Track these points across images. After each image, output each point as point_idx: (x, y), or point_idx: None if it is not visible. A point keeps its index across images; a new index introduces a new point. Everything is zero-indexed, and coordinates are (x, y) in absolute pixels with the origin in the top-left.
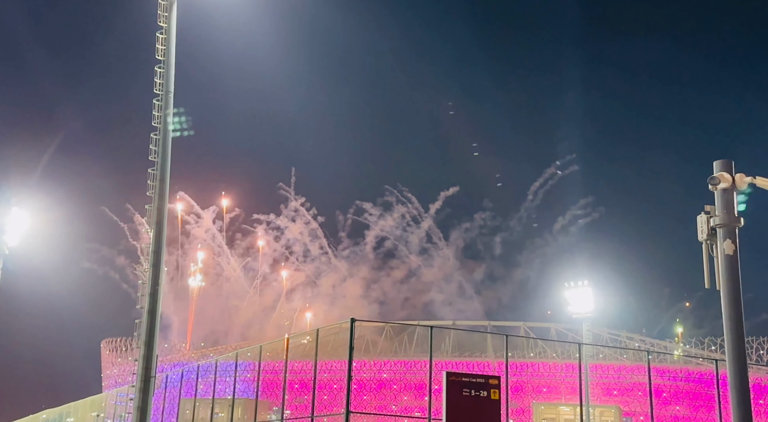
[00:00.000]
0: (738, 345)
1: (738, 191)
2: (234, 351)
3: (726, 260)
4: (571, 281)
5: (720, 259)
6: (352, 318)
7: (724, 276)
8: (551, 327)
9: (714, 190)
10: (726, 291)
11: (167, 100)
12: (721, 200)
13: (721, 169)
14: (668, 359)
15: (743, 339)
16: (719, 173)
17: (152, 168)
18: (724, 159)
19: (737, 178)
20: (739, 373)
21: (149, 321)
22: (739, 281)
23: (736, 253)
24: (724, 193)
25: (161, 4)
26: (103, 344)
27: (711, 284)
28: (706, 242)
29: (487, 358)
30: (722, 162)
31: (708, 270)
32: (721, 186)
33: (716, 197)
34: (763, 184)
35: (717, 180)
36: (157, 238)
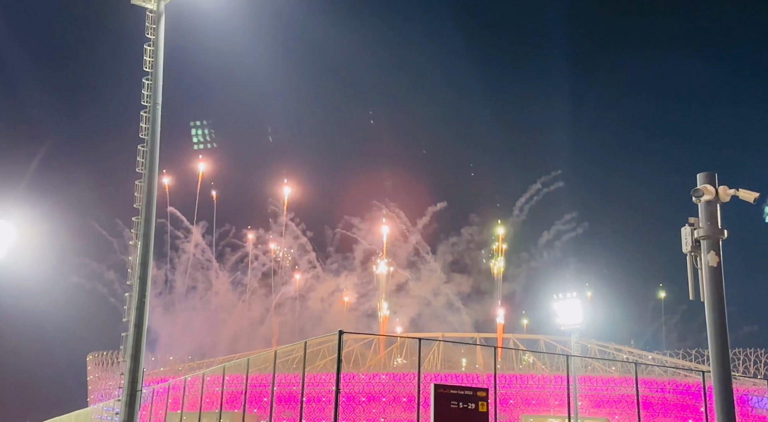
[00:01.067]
0: (722, 356)
1: (721, 203)
2: (221, 364)
3: (710, 272)
4: (560, 293)
5: (704, 271)
6: (340, 330)
7: (708, 288)
8: (540, 339)
9: (698, 202)
10: (710, 303)
11: (155, 113)
12: (704, 213)
13: (705, 181)
14: (656, 371)
15: (728, 350)
16: (703, 186)
17: (139, 180)
18: (707, 172)
19: (720, 190)
20: (724, 383)
21: (136, 334)
22: (723, 293)
23: (720, 265)
24: (707, 205)
25: (149, 16)
26: (89, 358)
27: (696, 295)
28: (691, 254)
29: (476, 370)
30: (705, 175)
31: (693, 282)
32: (705, 198)
33: (700, 210)
34: (746, 196)
35: (700, 192)
36: (144, 250)
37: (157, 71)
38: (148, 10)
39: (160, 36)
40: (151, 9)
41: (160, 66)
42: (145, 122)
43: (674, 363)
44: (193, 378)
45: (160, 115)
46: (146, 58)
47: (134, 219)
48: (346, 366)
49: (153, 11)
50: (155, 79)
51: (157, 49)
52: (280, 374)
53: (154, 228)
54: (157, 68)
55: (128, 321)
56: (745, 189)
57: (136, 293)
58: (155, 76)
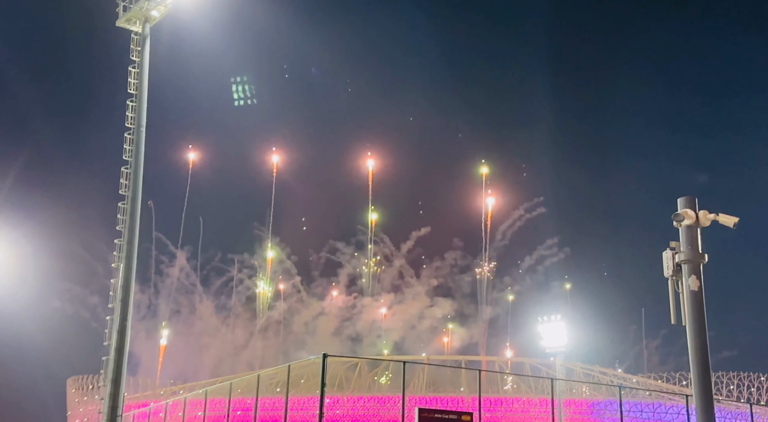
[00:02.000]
0: (704, 379)
1: (702, 227)
2: (203, 389)
3: (691, 296)
4: (544, 316)
5: (685, 295)
6: (324, 353)
7: (689, 312)
8: (525, 362)
9: (678, 226)
10: (692, 327)
11: (139, 135)
12: (685, 237)
13: (685, 206)
14: (640, 394)
15: (709, 373)
16: (683, 210)
17: (122, 202)
18: (687, 196)
19: (701, 215)
20: (706, 407)
21: (117, 358)
22: (704, 317)
23: (701, 289)
24: (688, 229)
25: (134, 39)
26: (68, 382)
27: (677, 319)
28: (672, 278)
29: (461, 394)
30: (686, 199)
31: (674, 306)
32: (686, 223)
33: (681, 234)
34: (726, 221)
35: (681, 217)
36: (127, 273)
37: (141, 93)
38: (133, 32)
39: (144, 58)
40: (136, 32)
41: (144, 88)
42: (129, 144)
43: (659, 386)
44: (175, 402)
45: (144, 137)
46: (131, 80)
47: (116, 241)
48: (330, 390)
49: (138, 34)
50: (140, 101)
51: (142, 72)
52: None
53: (137, 252)
54: (141, 90)
55: (109, 344)
56: (725, 214)
57: (118, 317)
58: (140, 98)
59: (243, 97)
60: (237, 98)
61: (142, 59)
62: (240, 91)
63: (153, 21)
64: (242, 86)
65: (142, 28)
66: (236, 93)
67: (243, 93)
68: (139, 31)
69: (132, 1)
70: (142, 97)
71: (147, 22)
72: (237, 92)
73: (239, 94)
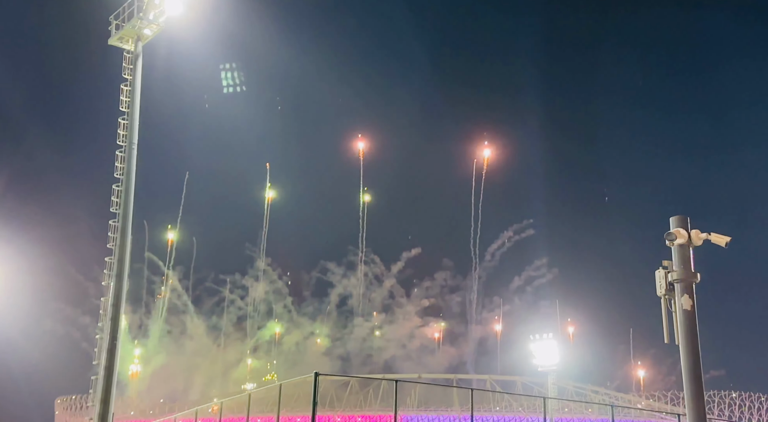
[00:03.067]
0: (697, 398)
1: (694, 246)
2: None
3: (684, 315)
4: (536, 334)
5: (678, 314)
6: (315, 371)
7: (682, 331)
8: (517, 380)
9: (671, 246)
10: (685, 346)
11: (130, 153)
12: (677, 256)
13: (678, 225)
14: (632, 412)
15: (702, 392)
16: (675, 229)
17: (113, 220)
18: (679, 215)
19: (693, 234)
20: None
21: (106, 378)
22: (697, 336)
23: (694, 308)
24: (680, 248)
25: (126, 57)
26: (57, 402)
27: (670, 339)
28: (665, 297)
29: (452, 412)
30: (678, 218)
31: (667, 325)
32: (678, 242)
33: (673, 253)
34: (718, 240)
35: (673, 236)
36: (117, 291)
37: (133, 111)
38: (125, 51)
39: (137, 76)
40: (128, 50)
41: (136, 106)
42: (120, 162)
43: (650, 405)
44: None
45: (135, 155)
46: (123, 98)
47: (107, 259)
48: (321, 408)
49: (130, 52)
50: (131, 119)
51: (134, 90)
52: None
53: (128, 272)
54: (133, 108)
55: (98, 363)
56: (717, 233)
57: (107, 336)
58: (132, 116)
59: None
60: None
61: (134, 77)
62: (232, 84)
63: (146, 39)
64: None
65: (134, 46)
66: (227, 86)
67: (235, 85)
68: (131, 49)
69: (125, 19)
70: (134, 115)
71: (140, 40)
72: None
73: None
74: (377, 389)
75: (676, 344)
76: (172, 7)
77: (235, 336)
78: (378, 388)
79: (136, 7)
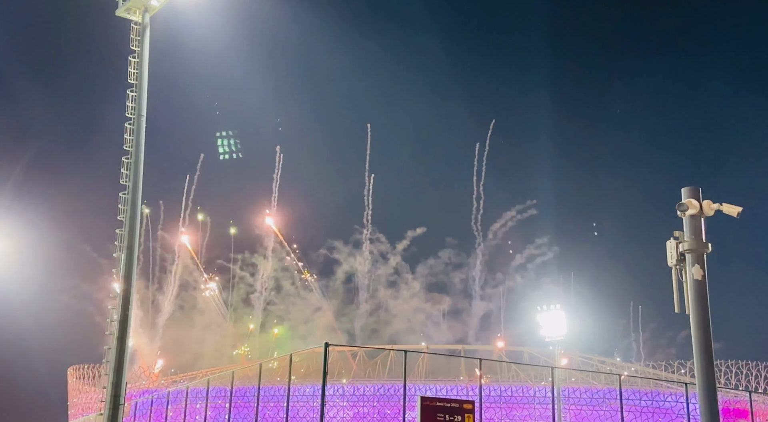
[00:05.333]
0: (707, 368)
1: (705, 217)
2: (205, 377)
3: (695, 285)
4: (543, 305)
5: (689, 284)
6: (326, 342)
7: (693, 301)
8: (524, 351)
9: (682, 216)
10: (695, 316)
11: (139, 124)
12: (689, 227)
13: (689, 196)
14: (639, 382)
15: (712, 362)
16: (687, 200)
17: (123, 192)
18: (691, 186)
19: (704, 204)
20: (709, 396)
21: (118, 347)
22: (707, 306)
23: (705, 278)
24: (692, 219)
25: (134, 28)
26: (69, 371)
27: (681, 308)
28: (676, 268)
29: (460, 382)
30: (690, 189)
31: (678, 295)
32: (689, 213)
33: (684, 224)
34: (730, 210)
35: (685, 207)
36: (128, 263)
37: (141, 83)
38: (132, 22)
39: (144, 48)
40: (136, 21)
41: (144, 78)
42: (129, 134)
43: (657, 374)
44: (176, 390)
45: (144, 126)
46: (131, 69)
47: (117, 231)
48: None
49: (138, 23)
50: (140, 90)
51: (142, 61)
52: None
53: (140, 244)
54: (141, 80)
55: (111, 334)
56: (729, 203)
57: (119, 307)
58: (140, 87)
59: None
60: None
61: (142, 49)
62: None
63: (153, 10)
64: None
65: (141, 17)
66: None
67: None
68: (138, 20)
69: None
70: (142, 86)
71: (147, 11)
72: None
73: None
74: (385, 360)
75: (686, 314)
76: None
77: (245, 311)
78: (386, 360)
79: None
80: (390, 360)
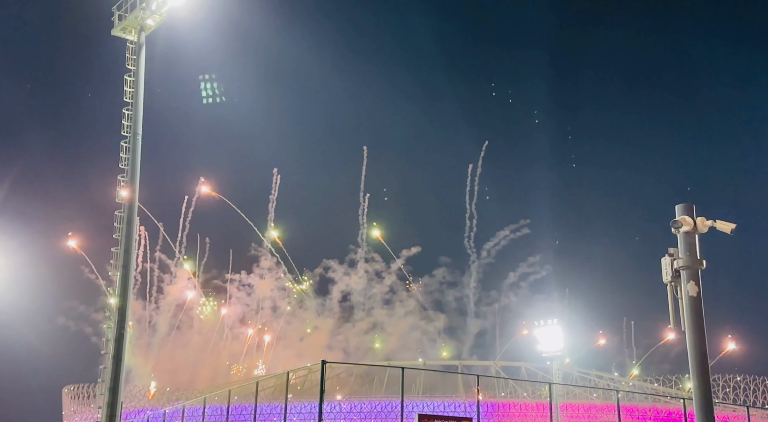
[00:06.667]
0: (704, 383)
1: (699, 234)
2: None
3: (690, 302)
4: (540, 320)
5: (684, 301)
6: (323, 360)
7: (688, 317)
8: (522, 366)
9: (677, 233)
10: (691, 332)
11: (135, 143)
12: (683, 243)
13: (683, 213)
14: (637, 397)
15: (708, 377)
16: (681, 217)
17: (119, 210)
18: (685, 203)
19: (698, 221)
20: (706, 411)
21: (114, 367)
22: (703, 322)
23: (700, 295)
24: (686, 236)
25: (130, 47)
26: (64, 391)
27: (677, 325)
28: (671, 284)
29: (457, 398)
30: (684, 206)
31: (673, 312)
32: (684, 229)
33: (679, 240)
34: (723, 227)
35: (679, 224)
36: (124, 281)
37: (137, 102)
38: (128, 41)
39: (140, 67)
40: (131, 40)
41: (140, 96)
42: (125, 152)
43: (654, 389)
44: (173, 410)
45: (140, 145)
46: (126, 88)
47: (113, 250)
48: (326, 395)
49: (134, 43)
50: (136, 109)
51: (138, 80)
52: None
53: (135, 263)
54: (137, 99)
55: (106, 353)
56: (722, 220)
57: (115, 325)
58: (136, 106)
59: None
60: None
61: (138, 68)
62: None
63: (148, 30)
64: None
65: (137, 37)
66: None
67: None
68: (134, 39)
69: (127, 10)
70: (138, 105)
71: (143, 30)
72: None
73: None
74: (382, 377)
75: (682, 330)
76: None
77: (241, 330)
78: (383, 377)
79: None
80: (387, 376)
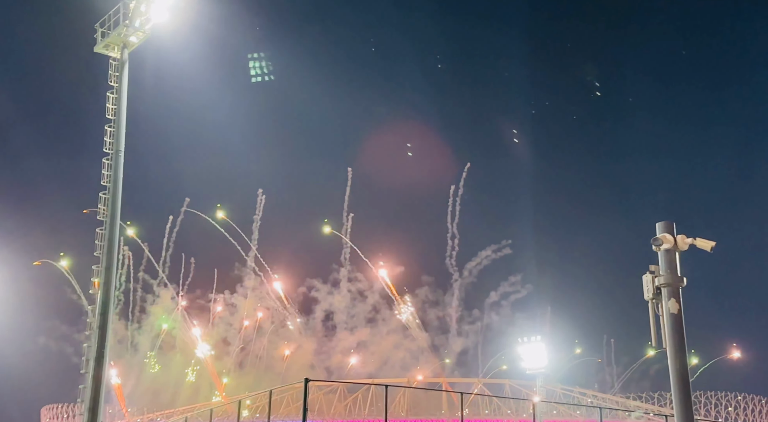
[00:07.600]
0: (685, 400)
1: (680, 251)
2: (183, 415)
3: (671, 319)
4: (524, 337)
5: (665, 318)
6: (306, 378)
7: (669, 335)
8: (506, 383)
9: (657, 251)
10: (672, 349)
11: (117, 160)
12: (664, 261)
13: (664, 230)
14: (620, 415)
15: (690, 394)
16: (662, 235)
17: (101, 228)
18: (665, 221)
19: (679, 239)
20: None
21: (94, 387)
22: (684, 339)
23: (681, 312)
24: (667, 253)
25: (112, 64)
26: (43, 411)
27: (658, 342)
28: (652, 301)
29: (441, 416)
30: (664, 224)
31: (654, 329)
32: (664, 247)
33: (660, 258)
34: (703, 245)
35: (660, 241)
36: (104, 299)
37: (120, 118)
38: (111, 58)
39: (123, 84)
40: (114, 57)
41: (123, 113)
42: (107, 169)
43: (638, 406)
44: None
45: (122, 162)
46: (109, 105)
47: (94, 267)
48: (310, 414)
49: (116, 59)
50: (118, 126)
51: (120, 97)
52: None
53: (117, 282)
54: (120, 115)
55: (86, 372)
56: (702, 238)
57: (95, 345)
58: (118, 123)
59: None
60: None
61: (121, 84)
62: None
63: (132, 47)
64: None
65: (120, 53)
66: None
67: None
68: (117, 56)
69: (110, 27)
70: (120, 122)
71: (125, 47)
72: None
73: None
74: (365, 396)
75: (663, 347)
76: (157, 14)
77: (226, 349)
78: (366, 395)
79: (122, 14)
80: (371, 395)
